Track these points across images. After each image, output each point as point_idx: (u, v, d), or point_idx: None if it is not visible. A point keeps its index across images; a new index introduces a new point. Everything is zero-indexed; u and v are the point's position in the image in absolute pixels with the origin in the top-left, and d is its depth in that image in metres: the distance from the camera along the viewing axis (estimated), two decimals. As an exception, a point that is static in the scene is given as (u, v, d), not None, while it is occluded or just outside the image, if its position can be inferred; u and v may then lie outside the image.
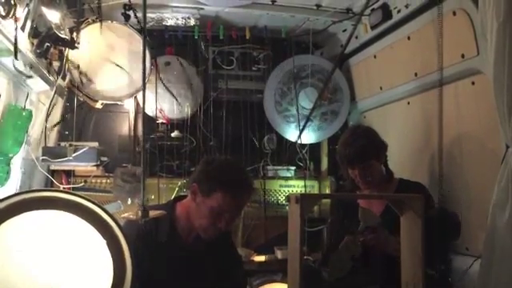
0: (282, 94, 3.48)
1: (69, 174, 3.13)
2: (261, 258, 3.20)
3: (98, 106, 3.02)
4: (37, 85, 2.53)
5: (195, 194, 1.98)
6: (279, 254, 3.15)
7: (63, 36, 2.33)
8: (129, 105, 3.37)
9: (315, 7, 3.06)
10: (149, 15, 3.15)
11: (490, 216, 1.83)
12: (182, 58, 3.40)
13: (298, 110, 3.41)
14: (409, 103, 2.93)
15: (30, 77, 2.33)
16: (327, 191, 3.56)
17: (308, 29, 3.37)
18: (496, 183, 1.81)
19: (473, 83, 2.33)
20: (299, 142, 3.40)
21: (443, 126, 2.51)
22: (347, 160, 2.41)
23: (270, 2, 3.04)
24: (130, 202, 2.94)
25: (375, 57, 3.18)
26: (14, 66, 2.14)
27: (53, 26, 2.27)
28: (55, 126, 2.95)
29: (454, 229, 2.31)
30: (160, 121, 3.36)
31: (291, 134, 3.49)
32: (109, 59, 2.86)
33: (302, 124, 3.34)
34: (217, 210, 1.92)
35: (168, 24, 3.34)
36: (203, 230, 1.97)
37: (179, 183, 3.31)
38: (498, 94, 1.74)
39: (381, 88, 3.17)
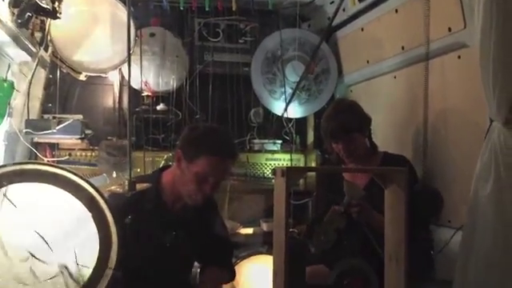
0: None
1: (53, 146, 3.10)
2: (247, 231, 3.23)
3: (82, 77, 2.98)
4: (18, 55, 2.47)
5: (180, 160, 1.99)
6: (265, 227, 3.18)
7: (45, 6, 2.28)
8: (113, 77, 3.32)
9: (302, -22, 3.02)
10: (133, -15, 3.08)
11: (472, 189, 1.86)
12: (168, 29, 3.34)
13: (284, 84, 3.39)
14: (395, 77, 2.93)
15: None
16: (313, 165, 3.58)
17: (295, 1, 3.32)
18: (479, 156, 1.83)
19: (459, 57, 2.33)
20: (285, 115, 3.40)
21: (429, 100, 2.52)
22: (330, 134, 2.42)
23: (257, -27, 3.00)
24: (115, 175, 2.94)
25: (362, 30, 3.16)
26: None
27: (34, -5, 2.21)
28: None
29: (434, 205, 2.37)
30: (145, 93, 3.32)
31: (278, 107, 3.47)
32: (92, 30, 2.81)
33: (288, 97, 3.34)
34: (201, 175, 1.94)
35: (153, -6, 3.29)
36: (189, 195, 1.99)
37: (165, 156, 3.30)
38: (483, 67, 1.74)
39: (368, 62, 3.16)
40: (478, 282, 1.79)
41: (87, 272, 1.59)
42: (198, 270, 2.23)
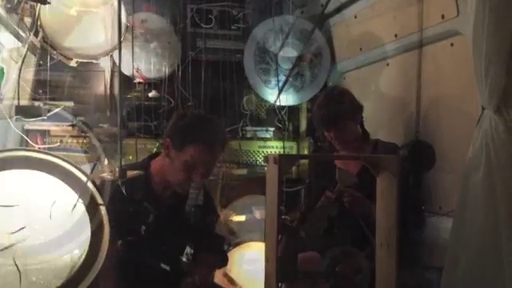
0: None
1: (44, 134, 3.07)
2: (239, 218, 3.23)
3: (73, 64, 2.95)
4: (8, 41, 2.44)
5: (168, 148, 1.98)
6: (257, 214, 3.18)
7: (34, -10, 2.25)
8: (104, 63, 3.29)
9: (296, -36, 3.00)
10: (124, -30, 3.04)
11: (463, 176, 1.87)
12: (160, 15, 3.31)
13: (277, 72, 3.37)
14: (388, 64, 2.93)
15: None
16: (306, 152, 3.58)
17: (288, -13, 3.30)
18: (471, 144, 1.84)
19: (452, 44, 2.33)
20: (278, 103, 3.39)
21: (421, 88, 2.52)
22: (322, 122, 2.42)
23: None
24: (106, 162, 2.92)
25: (356, 17, 3.14)
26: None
27: (23, -21, 2.18)
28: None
29: (428, 158, 2.38)
30: (137, 80, 3.29)
31: (274, 97, 3.45)
32: (83, 15, 2.77)
33: (281, 85, 3.32)
34: (190, 164, 1.94)
35: (144, -21, 3.25)
36: (178, 184, 1.99)
37: (157, 144, 3.28)
38: (475, 55, 1.74)
39: (361, 49, 3.15)
40: (468, 267, 1.80)
41: (79, 259, 1.59)
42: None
